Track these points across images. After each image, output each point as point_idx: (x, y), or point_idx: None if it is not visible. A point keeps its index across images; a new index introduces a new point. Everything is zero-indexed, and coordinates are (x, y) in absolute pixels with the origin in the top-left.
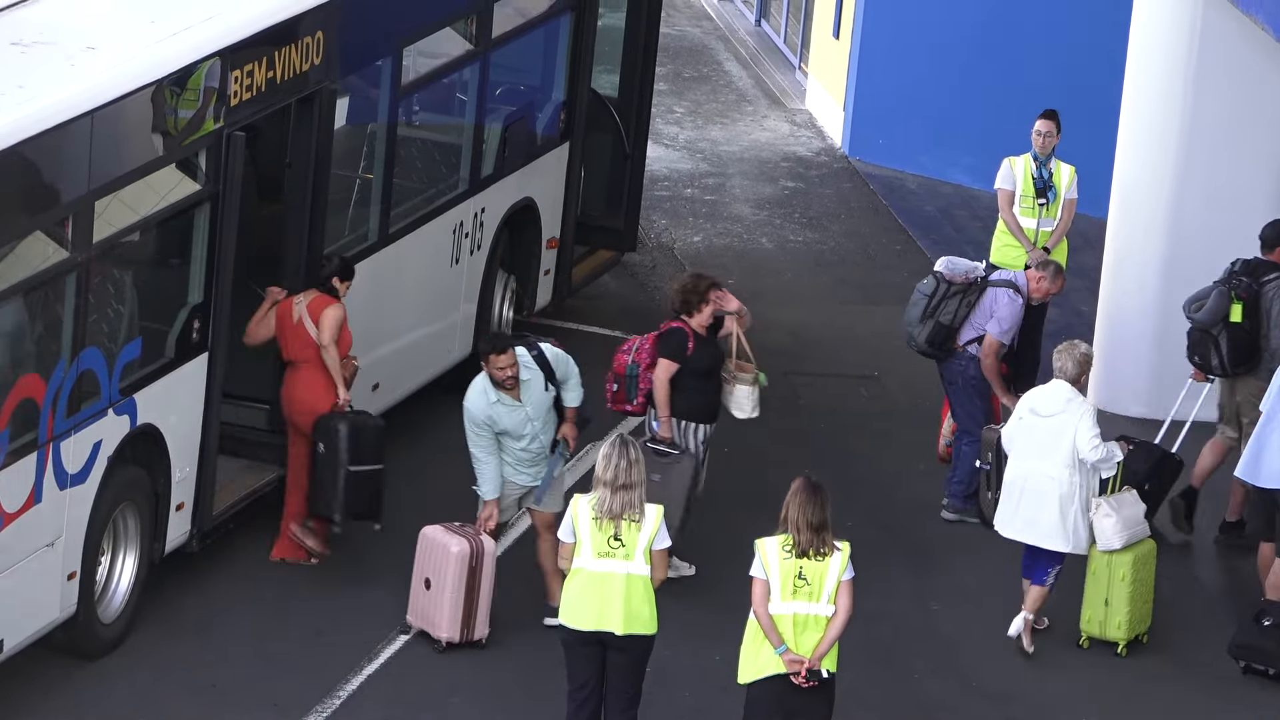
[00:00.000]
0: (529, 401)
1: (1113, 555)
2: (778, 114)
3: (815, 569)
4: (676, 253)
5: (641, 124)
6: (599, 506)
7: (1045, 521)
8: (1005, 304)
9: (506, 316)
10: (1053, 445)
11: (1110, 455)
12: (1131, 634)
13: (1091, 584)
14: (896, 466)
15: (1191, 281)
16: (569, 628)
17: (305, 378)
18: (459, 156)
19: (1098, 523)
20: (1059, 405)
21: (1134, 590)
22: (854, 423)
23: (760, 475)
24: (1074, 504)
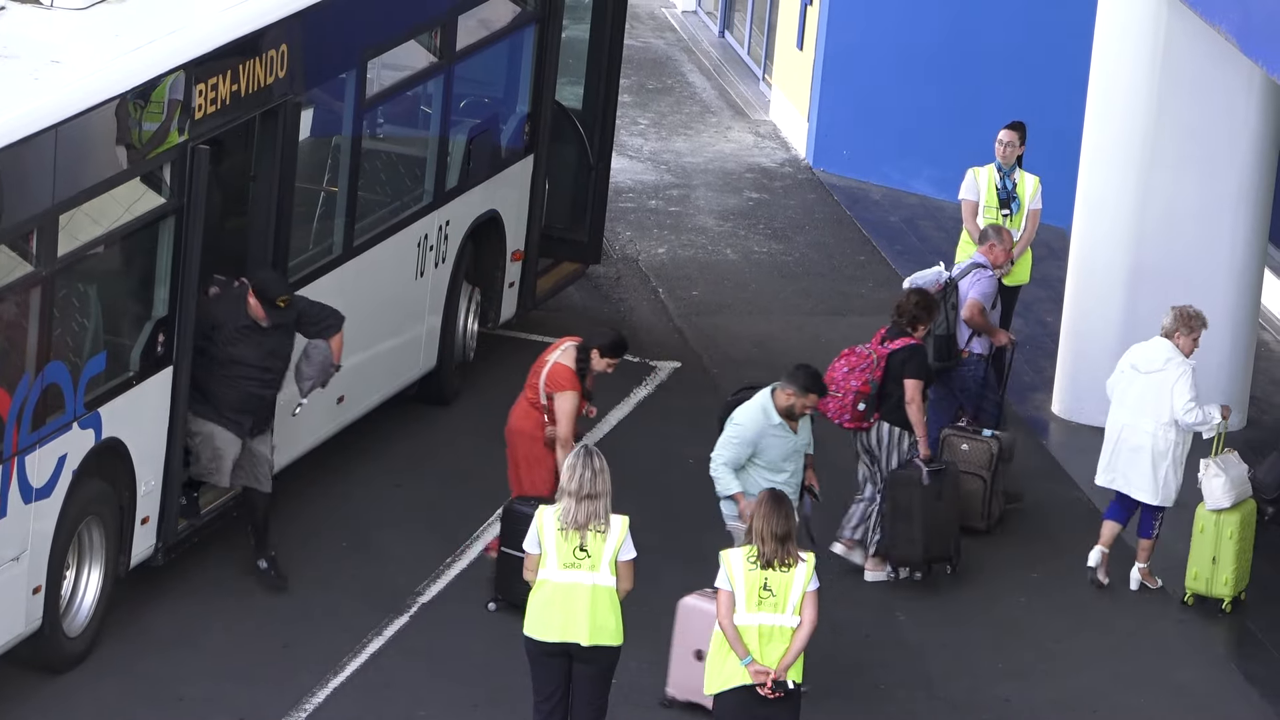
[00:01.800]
0: (802, 437)
1: (1221, 514)
2: (742, 125)
3: (780, 580)
4: (641, 265)
5: (606, 136)
6: (564, 517)
7: (1138, 475)
8: (982, 279)
9: (471, 329)
10: (1150, 401)
11: (1206, 419)
12: (1236, 590)
13: (1199, 542)
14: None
15: (1156, 291)
16: (534, 639)
17: (523, 409)
18: (423, 169)
19: (1207, 483)
20: (1159, 363)
21: (1240, 548)
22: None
23: None
24: (1166, 460)
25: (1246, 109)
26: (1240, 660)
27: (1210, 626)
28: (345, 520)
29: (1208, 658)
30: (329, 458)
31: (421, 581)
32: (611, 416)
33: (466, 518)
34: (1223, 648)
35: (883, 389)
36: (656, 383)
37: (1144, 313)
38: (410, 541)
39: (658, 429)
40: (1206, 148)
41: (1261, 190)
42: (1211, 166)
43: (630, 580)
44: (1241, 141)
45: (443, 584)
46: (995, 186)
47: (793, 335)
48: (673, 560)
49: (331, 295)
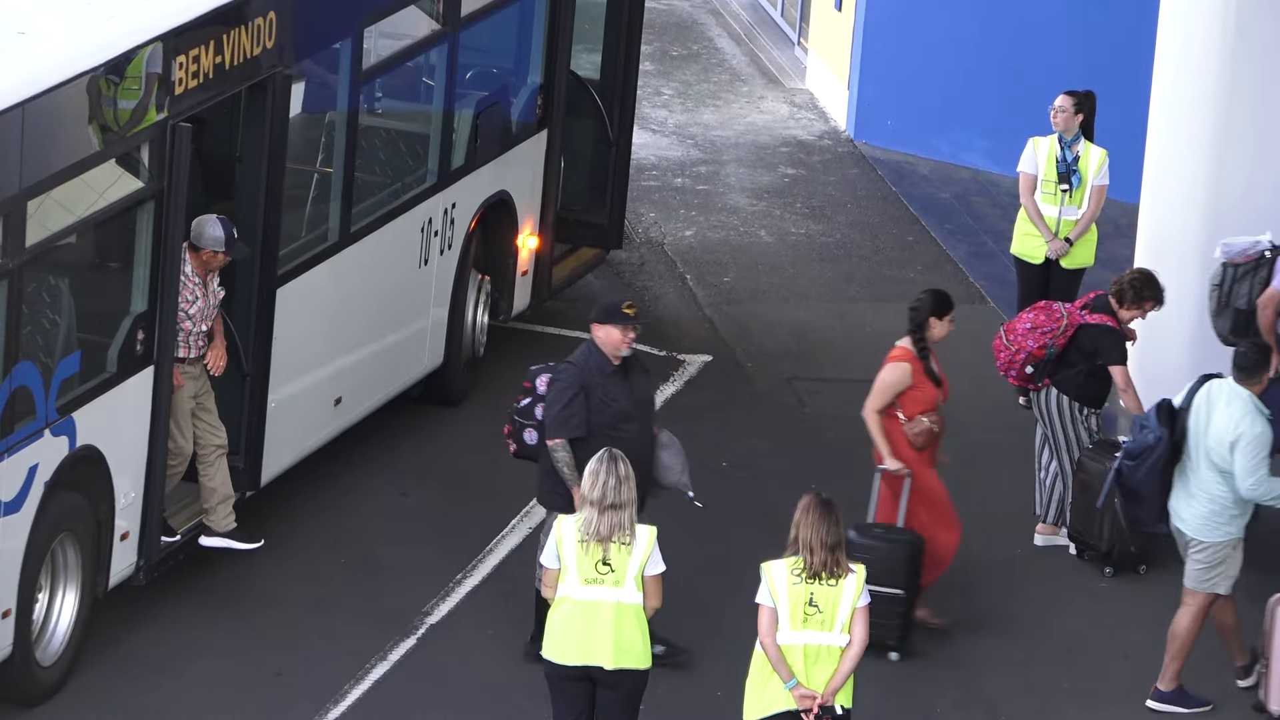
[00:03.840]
0: None
1: None
2: (775, 95)
3: (828, 594)
4: (666, 249)
5: (626, 108)
6: (585, 528)
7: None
8: None
9: (480, 322)
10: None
11: None
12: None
13: None
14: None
15: None
16: (553, 662)
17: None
18: (426, 147)
19: None
20: None
21: None
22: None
23: (762, 492)
24: None
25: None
26: None
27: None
28: (344, 534)
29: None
30: (326, 465)
31: (430, 601)
32: None
33: (478, 530)
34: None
35: (1063, 356)
36: (685, 378)
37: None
38: (416, 557)
39: (687, 429)
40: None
41: None
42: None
43: (658, 597)
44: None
45: (453, 603)
46: (1055, 159)
47: (835, 324)
48: (706, 574)
49: (327, 286)
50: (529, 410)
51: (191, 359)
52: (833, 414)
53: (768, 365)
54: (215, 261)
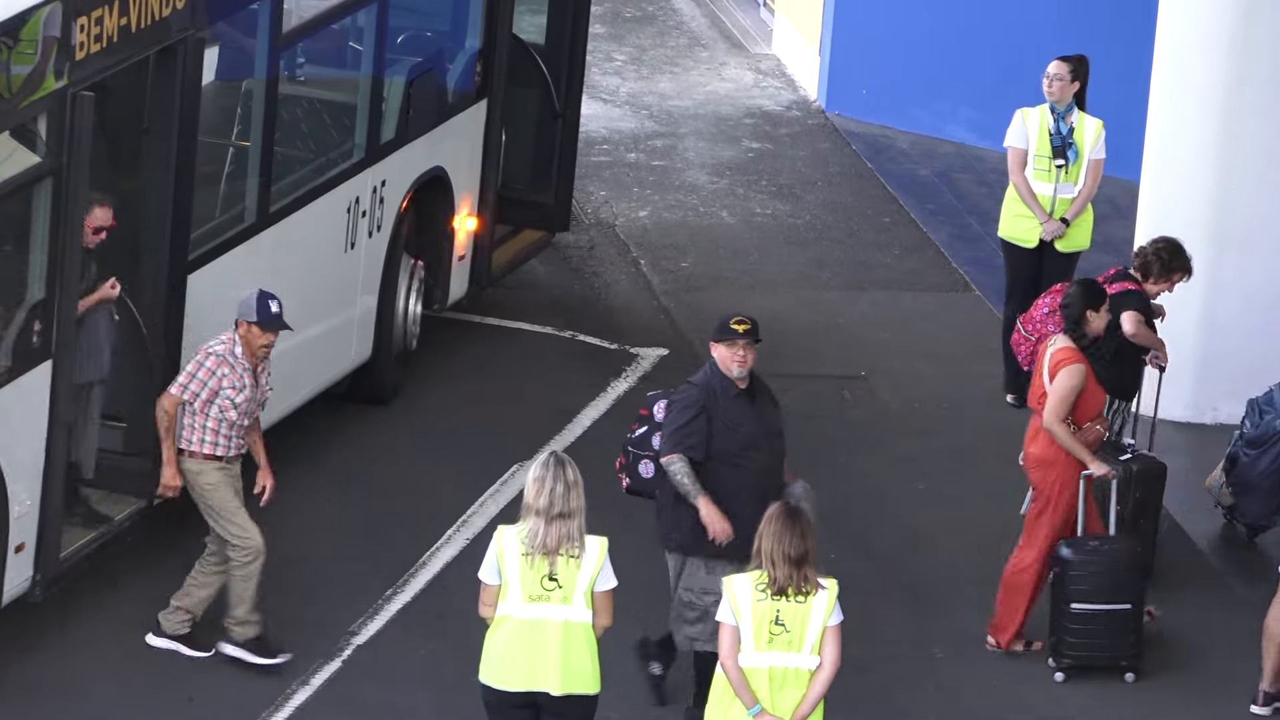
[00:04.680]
0: None
1: None
2: (739, 60)
3: (795, 612)
4: (619, 231)
5: (574, 76)
6: (530, 540)
7: None
8: None
9: (413, 312)
10: None
11: None
12: None
13: None
14: (888, 486)
15: (1243, 253)
16: (494, 688)
17: (1044, 434)
18: (353, 119)
19: None
20: None
21: None
22: (837, 433)
23: None
24: None
25: None
26: None
27: None
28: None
29: None
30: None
31: (357, 619)
32: (584, 416)
33: (409, 542)
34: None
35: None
36: (639, 374)
37: (1229, 282)
38: (342, 571)
39: None
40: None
41: None
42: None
43: (609, 615)
44: None
45: (382, 622)
46: (1048, 131)
47: (804, 314)
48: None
49: (244, 272)
50: (645, 440)
51: (230, 457)
52: (802, 413)
53: None
54: (256, 340)
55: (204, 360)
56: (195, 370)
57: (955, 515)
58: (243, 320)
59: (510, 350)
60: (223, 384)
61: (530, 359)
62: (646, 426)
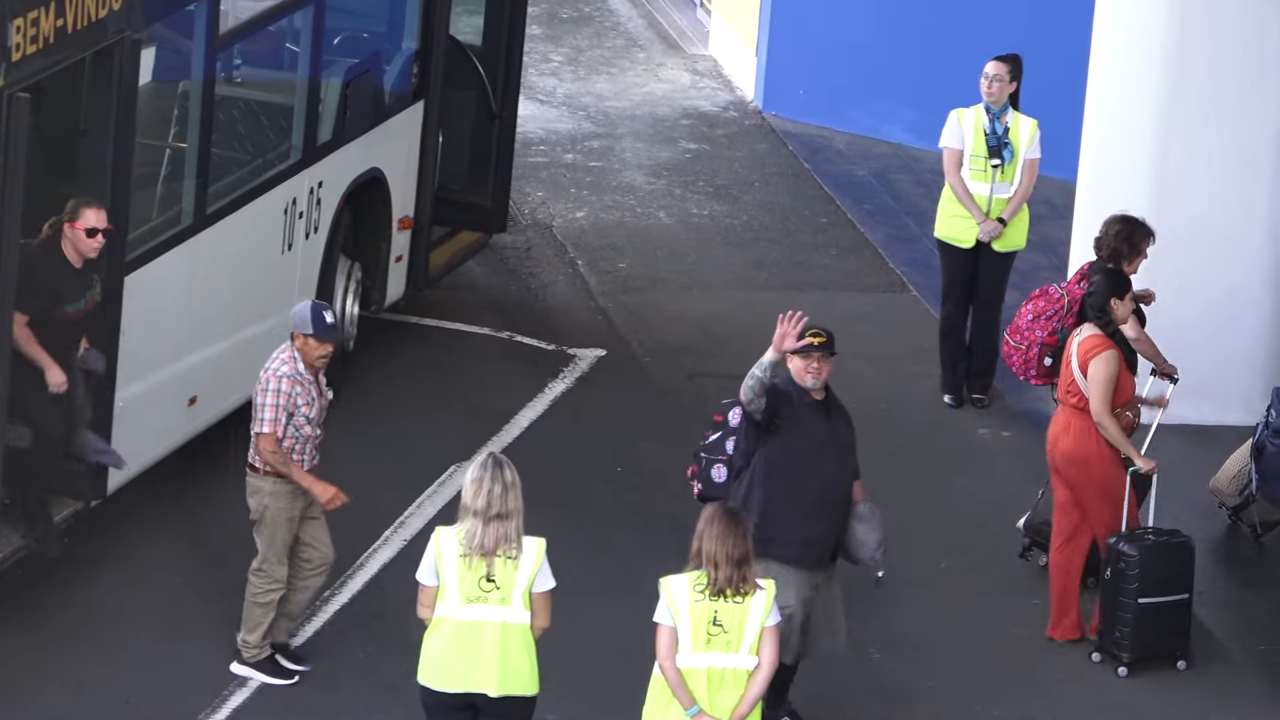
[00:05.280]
0: None
1: None
2: (676, 61)
3: (733, 613)
4: (556, 232)
5: (511, 77)
6: (468, 541)
7: None
8: None
9: (350, 313)
10: None
11: None
12: None
13: None
14: None
15: (1180, 255)
16: (432, 689)
17: (1076, 425)
18: (290, 120)
19: None
20: None
21: None
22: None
23: (661, 500)
24: None
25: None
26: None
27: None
28: (200, 547)
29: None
30: (179, 471)
31: (294, 621)
32: (522, 417)
33: (347, 543)
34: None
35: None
36: (576, 374)
37: (1165, 282)
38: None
39: (578, 430)
40: (1240, 80)
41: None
42: (1246, 100)
43: (547, 616)
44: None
45: (319, 624)
46: (984, 131)
47: (741, 315)
48: (599, 590)
49: (181, 274)
50: (719, 445)
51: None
52: None
53: (667, 360)
54: (311, 351)
55: (278, 385)
56: (274, 400)
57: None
58: (299, 333)
59: (448, 351)
60: (297, 402)
61: (467, 360)
62: (720, 432)
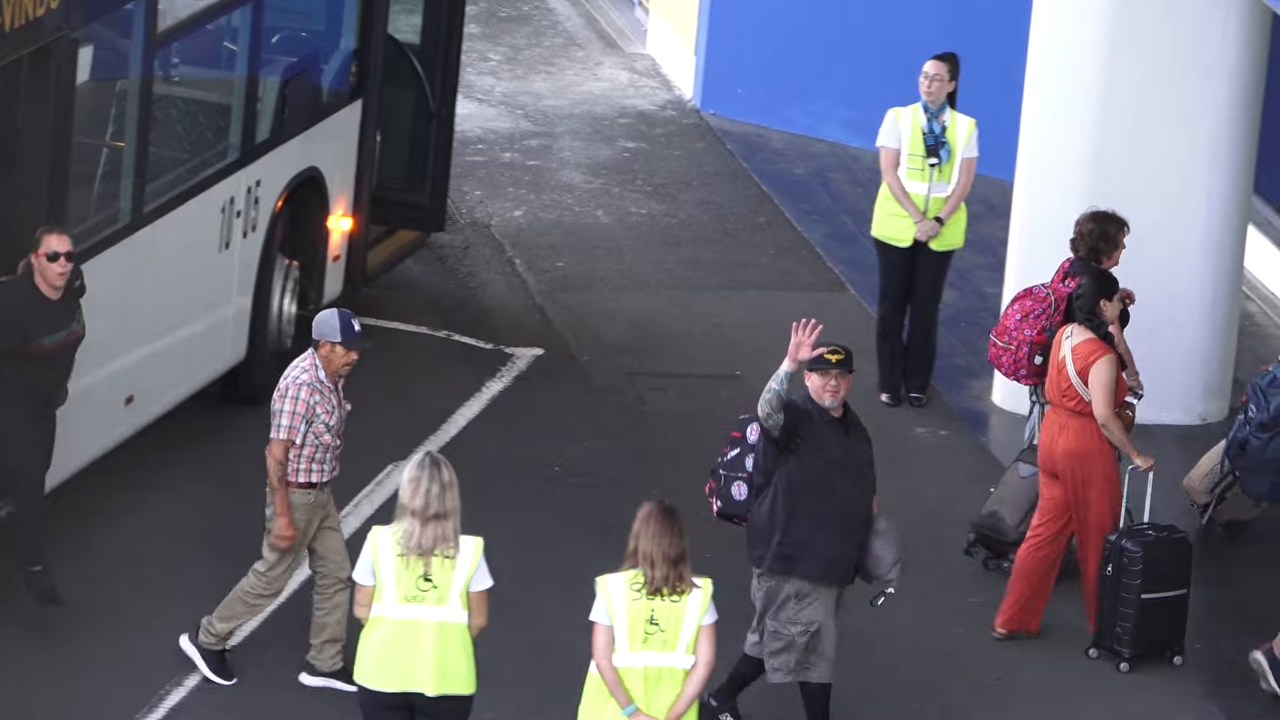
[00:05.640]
0: None
1: None
2: (614, 60)
3: (670, 611)
4: (493, 231)
5: (449, 76)
6: (405, 541)
7: None
8: None
9: (288, 312)
10: None
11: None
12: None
13: None
14: None
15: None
16: (369, 689)
17: (1074, 425)
18: (228, 119)
19: None
20: None
21: None
22: (712, 433)
23: (598, 498)
24: None
25: (1224, 36)
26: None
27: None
28: (139, 545)
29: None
30: (116, 469)
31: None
32: (459, 416)
33: None
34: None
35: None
36: (514, 374)
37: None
38: (218, 570)
39: (515, 429)
40: (1176, 82)
41: (1243, 132)
42: (1182, 105)
43: (484, 615)
44: (1219, 74)
45: (257, 622)
46: (921, 131)
47: (678, 314)
48: (537, 589)
49: (119, 272)
50: (738, 462)
51: (323, 483)
52: (676, 413)
53: (605, 359)
54: (336, 360)
55: (297, 394)
56: (292, 407)
57: None
58: (325, 341)
59: (385, 350)
60: (316, 411)
61: (405, 359)
62: (739, 449)
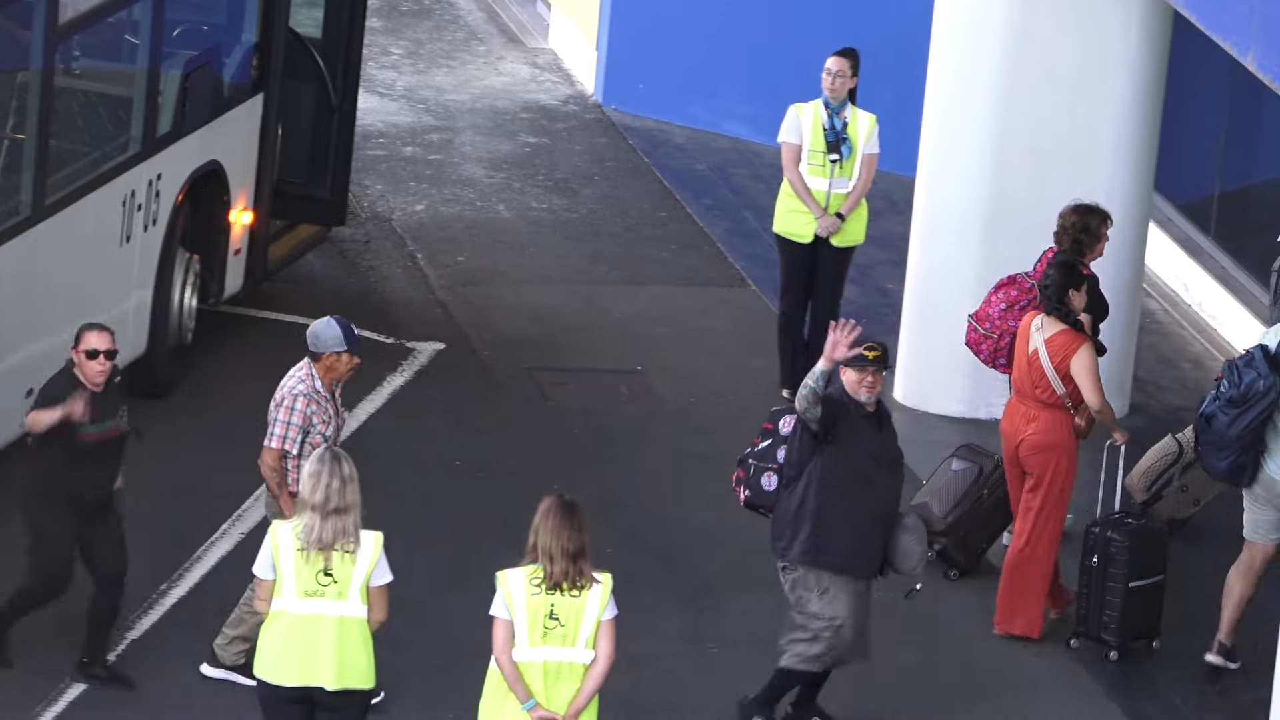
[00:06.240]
0: None
1: None
2: (516, 55)
3: (570, 606)
4: (395, 225)
5: (351, 70)
6: (306, 535)
7: None
8: None
9: (189, 305)
10: None
11: None
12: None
13: None
14: (665, 481)
15: (1018, 252)
16: (269, 683)
17: (1045, 417)
18: (129, 112)
19: None
20: None
21: None
22: (613, 428)
23: (499, 493)
24: None
25: (1124, 31)
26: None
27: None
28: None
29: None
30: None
31: (132, 613)
32: (360, 411)
33: (184, 535)
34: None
35: None
36: (415, 368)
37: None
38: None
39: (416, 424)
40: (1076, 79)
41: (1144, 129)
42: (1082, 102)
43: (384, 610)
44: (1119, 71)
45: (156, 615)
46: (822, 126)
47: (580, 308)
48: (436, 585)
49: (18, 266)
50: (769, 453)
51: None
52: (577, 407)
53: (506, 354)
54: (341, 367)
55: (293, 404)
56: (287, 417)
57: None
58: (330, 352)
59: (286, 344)
60: (313, 421)
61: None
62: (771, 440)
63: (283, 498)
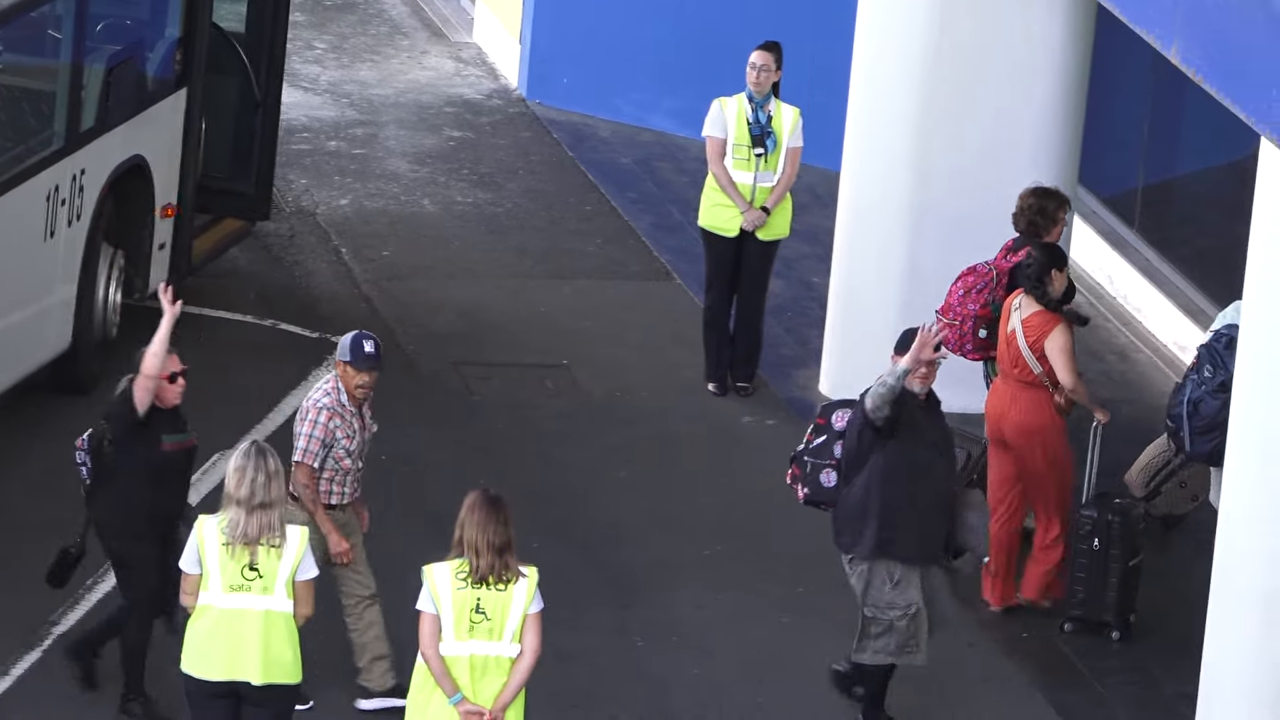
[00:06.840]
0: None
1: None
2: (440, 49)
3: (496, 600)
4: (319, 220)
5: (274, 64)
6: (231, 530)
7: None
8: None
9: (113, 300)
10: None
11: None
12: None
13: None
14: (589, 475)
15: (943, 244)
16: (195, 678)
17: (1025, 398)
18: (52, 106)
19: None
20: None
21: None
22: (540, 422)
23: (425, 487)
24: None
25: (1048, 22)
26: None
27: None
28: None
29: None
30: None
31: (57, 608)
32: (286, 405)
33: None
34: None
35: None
36: None
37: (929, 270)
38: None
39: None
40: (998, 72)
41: (1067, 122)
42: (1005, 94)
43: (310, 604)
44: (1041, 63)
45: (84, 610)
46: (747, 120)
47: (505, 303)
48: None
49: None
50: (825, 449)
51: (344, 505)
52: (503, 402)
53: (431, 348)
54: (348, 380)
55: (317, 417)
56: (309, 430)
57: (658, 504)
58: (339, 360)
59: (211, 339)
60: (336, 435)
61: (231, 348)
62: (825, 435)
63: (317, 512)
